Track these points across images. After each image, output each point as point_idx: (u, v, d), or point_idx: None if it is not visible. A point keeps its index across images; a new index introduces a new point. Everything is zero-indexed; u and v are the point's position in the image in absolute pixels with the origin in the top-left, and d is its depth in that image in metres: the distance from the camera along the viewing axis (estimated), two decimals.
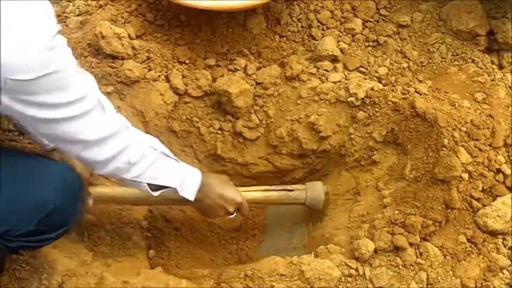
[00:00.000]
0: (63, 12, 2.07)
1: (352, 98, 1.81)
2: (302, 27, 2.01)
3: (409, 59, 1.93)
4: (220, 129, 1.93)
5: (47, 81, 1.11)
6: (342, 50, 1.94)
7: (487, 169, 1.61)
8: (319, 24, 2.01)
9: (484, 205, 1.60)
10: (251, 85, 1.90)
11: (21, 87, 1.10)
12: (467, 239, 1.59)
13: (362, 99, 1.80)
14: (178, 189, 1.49)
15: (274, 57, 1.98)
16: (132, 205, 1.78)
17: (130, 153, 1.35)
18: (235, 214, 1.68)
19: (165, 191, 1.48)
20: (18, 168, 1.32)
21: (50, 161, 1.48)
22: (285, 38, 2.01)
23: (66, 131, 1.23)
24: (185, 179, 1.50)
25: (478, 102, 1.76)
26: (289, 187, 1.79)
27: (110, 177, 1.67)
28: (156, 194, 1.46)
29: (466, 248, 1.58)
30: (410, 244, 1.54)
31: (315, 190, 1.79)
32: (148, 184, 1.44)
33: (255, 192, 1.75)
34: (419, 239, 1.55)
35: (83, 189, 1.46)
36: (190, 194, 1.52)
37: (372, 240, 1.55)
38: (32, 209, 1.29)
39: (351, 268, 1.52)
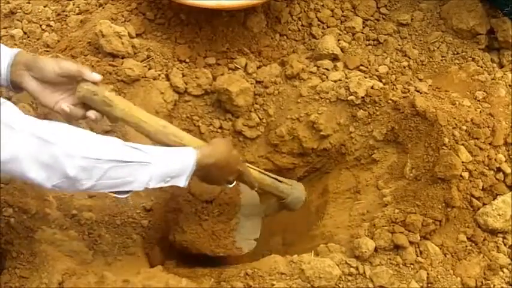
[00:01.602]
0: (63, 11, 2.06)
1: (352, 97, 1.81)
2: (302, 25, 2.01)
3: (409, 57, 1.93)
4: (221, 127, 1.93)
5: None
6: (342, 49, 1.94)
7: (487, 168, 1.61)
8: (319, 22, 2.00)
9: (484, 204, 1.60)
10: (251, 84, 1.90)
11: None
12: (468, 238, 1.59)
13: (362, 97, 1.80)
14: (160, 185, 1.40)
15: (275, 56, 1.98)
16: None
17: (62, 169, 1.23)
18: (234, 183, 1.63)
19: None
20: None
21: None
22: (285, 37, 2.01)
23: None
24: (168, 173, 1.40)
25: (479, 100, 1.76)
26: (280, 178, 1.75)
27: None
28: (124, 196, 1.39)
29: (466, 246, 1.58)
30: (411, 243, 1.54)
31: (299, 190, 1.78)
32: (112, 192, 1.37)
33: (253, 171, 1.68)
34: (419, 238, 1.55)
35: None
36: (180, 183, 1.43)
37: (372, 238, 1.55)
38: None
39: (351, 267, 1.52)
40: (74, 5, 2.07)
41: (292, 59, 1.92)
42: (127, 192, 1.38)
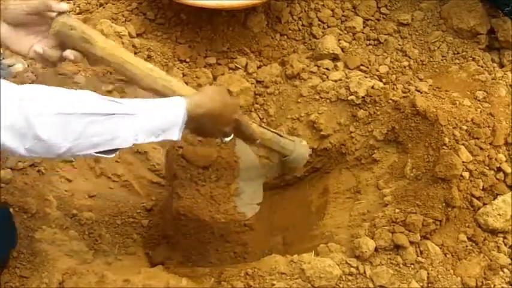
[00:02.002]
0: None
1: (352, 97, 1.81)
2: (303, 25, 2.01)
3: (409, 57, 1.93)
4: None
5: None
6: (342, 49, 1.94)
7: (487, 168, 1.61)
8: (319, 22, 2.00)
9: (484, 204, 1.60)
10: (252, 83, 1.90)
11: None
12: (468, 238, 1.59)
13: (363, 97, 1.80)
14: (151, 140, 1.27)
15: (275, 56, 1.98)
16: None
17: (31, 130, 1.09)
18: (231, 137, 1.52)
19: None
20: None
21: None
22: (285, 37, 2.01)
23: None
24: (158, 127, 1.27)
25: (479, 100, 1.76)
26: (280, 133, 1.68)
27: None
28: (112, 155, 1.24)
29: (466, 246, 1.58)
30: (411, 243, 1.54)
31: (302, 146, 1.71)
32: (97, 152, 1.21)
33: (253, 125, 1.59)
34: (419, 238, 1.55)
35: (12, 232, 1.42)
36: (173, 136, 1.30)
37: (372, 238, 1.55)
38: None
39: (352, 267, 1.52)
40: (74, 4, 2.08)
41: (292, 59, 1.92)
42: (114, 150, 1.23)
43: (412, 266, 1.53)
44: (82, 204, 1.75)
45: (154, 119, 1.26)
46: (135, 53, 1.89)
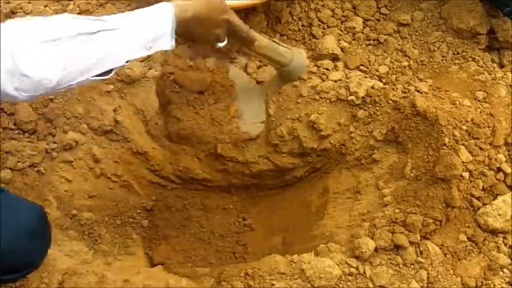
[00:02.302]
0: (64, 11, 2.06)
1: (352, 97, 1.81)
2: (303, 25, 2.01)
3: (409, 57, 1.93)
4: None
5: None
6: (342, 49, 1.94)
7: (487, 168, 1.61)
8: (319, 22, 2.00)
9: (484, 204, 1.60)
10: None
11: None
12: (468, 238, 1.59)
13: (362, 97, 1.80)
14: (144, 53, 1.23)
15: None
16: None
17: (17, 65, 1.02)
18: (225, 41, 1.47)
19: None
20: None
21: (20, 201, 1.40)
22: (285, 37, 2.00)
23: None
24: (148, 38, 1.22)
25: (479, 100, 1.76)
26: (276, 40, 1.60)
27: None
28: (107, 76, 1.20)
29: (466, 246, 1.58)
30: (411, 243, 1.54)
31: (301, 54, 1.62)
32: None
33: (247, 26, 1.53)
34: (419, 238, 1.55)
35: (46, 231, 1.40)
36: (165, 45, 1.26)
37: (372, 239, 1.55)
38: None
39: (352, 267, 1.52)
40: (74, 4, 2.07)
41: None
42: (109, 71, 1.20)
43: (412, 266, 1.53)
44: (82, 204, 1.75)
45: (142, 30, 1.21)
46: None
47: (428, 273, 1.52)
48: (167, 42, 1.25)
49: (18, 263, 1.32)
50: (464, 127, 1.64)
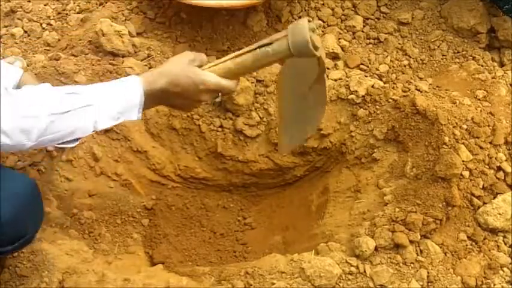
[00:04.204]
0: (64, 10, 2.07)
1: (352, 96, 1.81)
2: None
3: (409, 56, 1.93)
4: (221, 126, 1.93)
5: None
6: (342, 48, 1.94)
7: (487, 167, 1.61)
8: (320, 21, 2.00)
9: (484, 203, 1.60)
10: (252, 83, 1.89)
11: None
12: (468, 237, 1.59)
13: (363, 96, 1.80)
14: (111, 123, 1.29)
15: None
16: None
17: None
18: (219, 97, 1.46)
19: None
20: None
21: (12, 173, 1.43)
22: None
23: None
24: (116, 111, 1.28)
25: (479, 99, 1.76)
26: (266, 40, 1.37)
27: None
28: (73, 145, 1.30)
29: (466, 245, 1.58)
30: (411, 242, 1.54)
31: (297, 32, 1.33)
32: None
33: (226, 63, 1.38)
34: (419, 237, 1.55)
35: (40, 200, 1.41)
36: (132, 116, 1.31)
37: (372, 237, 1.55)
38: None
39: (352, 266, 1.52)
40: (74, 3, 2.08)
41: None
42: (76, 140, 1.28)
43: (412, 265, 1.53)
44: (82, 203, 1.74)
45: (113, 103, 1.27)
46: (135, 52, 1.90)
47: (428, 272, 1.52)
48: (135, 114, 1.31)
49: (13, 234, 1.33)
50: (465, 126, 1.64)
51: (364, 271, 1.52)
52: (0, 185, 1.27)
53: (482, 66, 1.87)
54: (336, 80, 1.86)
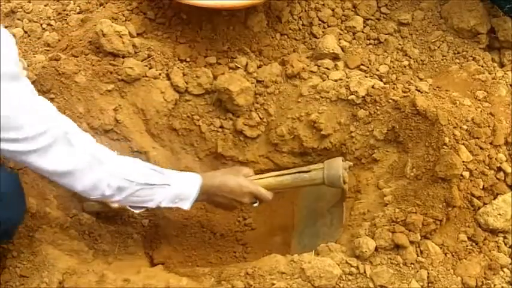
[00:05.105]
0: (64, 10, 2.07)
1: (353, 96, 1.81)
2: (303, 25, 2.01)
3: (410, 57, 1.93)
4: (221, 127, 1.93)
5: None
6: (342, 48, 1.94)
7: (487, 167, 1.61)
8: (320, 22, 2.00)
9: (484, 203, 1.60)
10: (252, 83, 1.90)
11: None
12: (468, 237, 1.59)
13: (363, 97, 1.80)
14: (168, 205, 1.55)
15: (275, 55, 1.98)
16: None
17: (103, 187, 1.40)
18: (257, 203, 1.70)
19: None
20: None
21: None
22: (285, 36, 2.00)
23: (26, 162, 1.30)
24: (178, 195, 1.55)
25: (479, 100, 1.75)
26: (305, 168, 1.72)
27: None
28: (137, 211, 1.56)
29: (466, 246, 1.58)
30: (411, 242, 1.54)
31: (333, 167, 1.67)
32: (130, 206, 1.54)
33: (269, 179, 1.71)
34: (420, 237, 1.55)
35: (22, 193, 1.50)
36: (185, 205, 1.58)
37: (372, 238, 1.55)
38: None
39: (352, 266, 1.52)
40: (74, 4, 2.08)
41: (292, 59, 1.92)
42: (142, 207, 1.54)
43: (412, 265, 1.53)
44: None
45: (179, 189, 1.55)
46: (135, 53, 1.90)
47: (428, 273, 1.52)
48: (188, 204, 1.58)
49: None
50: (465, 126, 1.64)
51: (364, 272, 1.52)
52: None
53: (482, 66, 1.87)
54: (336, 81, 1.86)
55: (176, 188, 1.54)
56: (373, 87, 1.81)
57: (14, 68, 1.20)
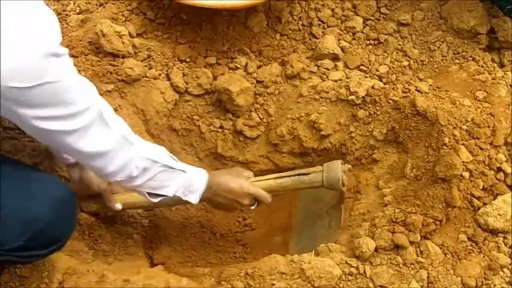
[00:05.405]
0: (64, 10, 2.06)
1: (352, 97, 1.81)
2: (303, 25, 2.01)
3: (409, 57, 1.93)
4: (221, 127, 1.93)
5: (41, 92, 1.12)
6: (342, 49, 1.94)
7: (487, 168, 1.61)
8: (319, 22, 2.00)
9: (484, 204, 1.60)
10: (252, 83, 1.90)
11: (17, 95, 1.11)
12: (468, 238, 1.59)
13: (363, 97, 1.80)
14: (181, 196, 1.54)
15: (275, 56, 1.98)
16: (145, 209, 1.84)
17: (132, 167, 1.39)
18: (255, 204, 1.70)
19: (166, 198, 1.53)
20: (7, 181, 1.30)
21: (40, 174, 1.49)
22: (285, 36, 2.01)
23: (64, 142, 1.26)
24: (189, 186, 1.54)
25: (479, 100, 1.75)
26: (304, 170, 1.71)
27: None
28: (156, 200, 1.52)
29: (466, 246, 1.58)
30: (411, 242, 1.54)
31: (332, 170, 1.67)
32: (149, 193, 1.50)
33: (269, 181, 1.71)
34: (419, 238, 1.55)
35: (76, 205, 1.47)
36: (194, 198, 1.57)
37: (372, 238, 1.55)
38: (21, 225, 1.29)
39: (352, 266, 1.52)
40: (74, 4, 2.08)
41: (292, 59, 1.92)
42: (160, 196, 1.51)
43: (412, 266, 1.53)
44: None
45: (191, 179, 1.55)
46: (135, 53, 1.90)
47: (428, 273, 1.52)
48: (195, 198, 1.58)
49: (50, 237, 1.38)
50: (465, 127, 1.64)
51: (364, 272, 1.52)
52: (39, 188, 1.34)
53: (482, 67, 1.87)
54: (335, 81, 1.86)
55: (190, 176, 1.54)
56: (373, 87, 1.81)
57: (59, 42, 1.16)
